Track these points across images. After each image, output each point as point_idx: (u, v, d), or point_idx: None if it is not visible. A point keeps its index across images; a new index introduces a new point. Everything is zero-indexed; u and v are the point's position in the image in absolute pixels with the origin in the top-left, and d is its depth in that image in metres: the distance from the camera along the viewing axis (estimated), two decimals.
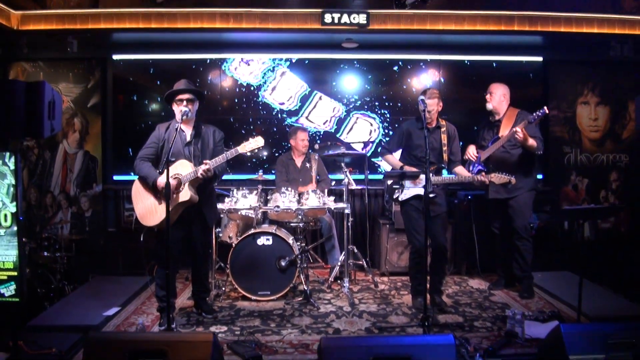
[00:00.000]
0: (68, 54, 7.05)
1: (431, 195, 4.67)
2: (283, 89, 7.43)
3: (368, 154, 6.70)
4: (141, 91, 7.45)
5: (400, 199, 5.21)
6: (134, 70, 7.44)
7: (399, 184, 5.17)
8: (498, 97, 5.65)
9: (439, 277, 5.35)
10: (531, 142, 5.35)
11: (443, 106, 5.20)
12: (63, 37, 6.76)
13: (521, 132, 5.25)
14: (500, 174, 5.03)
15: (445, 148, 5.18)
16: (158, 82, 7.34)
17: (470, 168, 5.42)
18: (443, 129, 5.20)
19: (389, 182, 5.27)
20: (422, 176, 4.87)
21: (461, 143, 5.40)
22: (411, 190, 5.14)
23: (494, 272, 6.28)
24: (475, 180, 5.10)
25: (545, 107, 5.27)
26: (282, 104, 7.41)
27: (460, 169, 5.26)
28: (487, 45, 7.21)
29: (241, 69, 7.41)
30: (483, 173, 5.15)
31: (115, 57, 7.37)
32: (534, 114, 5.28)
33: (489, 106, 5.69)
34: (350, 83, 7.46)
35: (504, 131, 5.54)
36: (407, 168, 5.16)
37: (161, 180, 4.58)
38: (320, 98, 7.42)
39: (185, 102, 4.74)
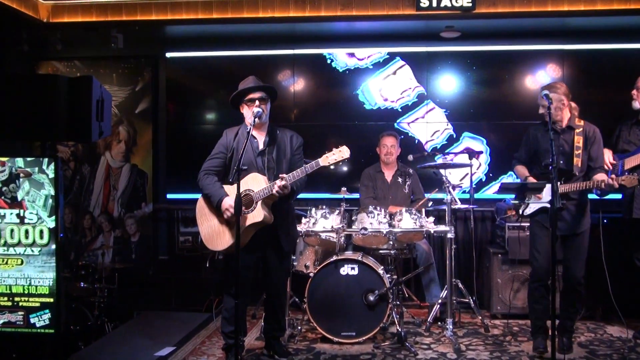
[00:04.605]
0: (111, 51, 7.38)
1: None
2: (392, 84, 7.50)
3: (477, 180, 6.56)
4: (199, 94, 7.69)
5: (525, 213, 5.21)
6: (191, 70, 7.68)
7: (520, 198, 5.13)
8: None
9: (567, 313, 5.27)
10: None
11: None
12: (105, 31, 7.02)
13: None
14: (632, 174, 4.90)
15: (578, 152, 5.09)
16: (219, 84, 7.53)
17: None
18: (579, 130, 5.14)
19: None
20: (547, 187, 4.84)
21: None
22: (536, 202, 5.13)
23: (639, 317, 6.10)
24: (601, 184, 4.97)
25: None
26: (386, 100, 7.48)
27: (598, 176, 5.12)
28: (625, 31, 7.04)
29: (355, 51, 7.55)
30: (613, 176, 5.04)
31: (169, 54, 7.63)
32: None
33: (636, 105, 5.60)
34: (450, 84, 7.48)
35: None
36: (531, 179, 5.14)
37: (227, 202, 4.67)
38: (433, 108, 7.46)
39: (257, 102, 4.83)
